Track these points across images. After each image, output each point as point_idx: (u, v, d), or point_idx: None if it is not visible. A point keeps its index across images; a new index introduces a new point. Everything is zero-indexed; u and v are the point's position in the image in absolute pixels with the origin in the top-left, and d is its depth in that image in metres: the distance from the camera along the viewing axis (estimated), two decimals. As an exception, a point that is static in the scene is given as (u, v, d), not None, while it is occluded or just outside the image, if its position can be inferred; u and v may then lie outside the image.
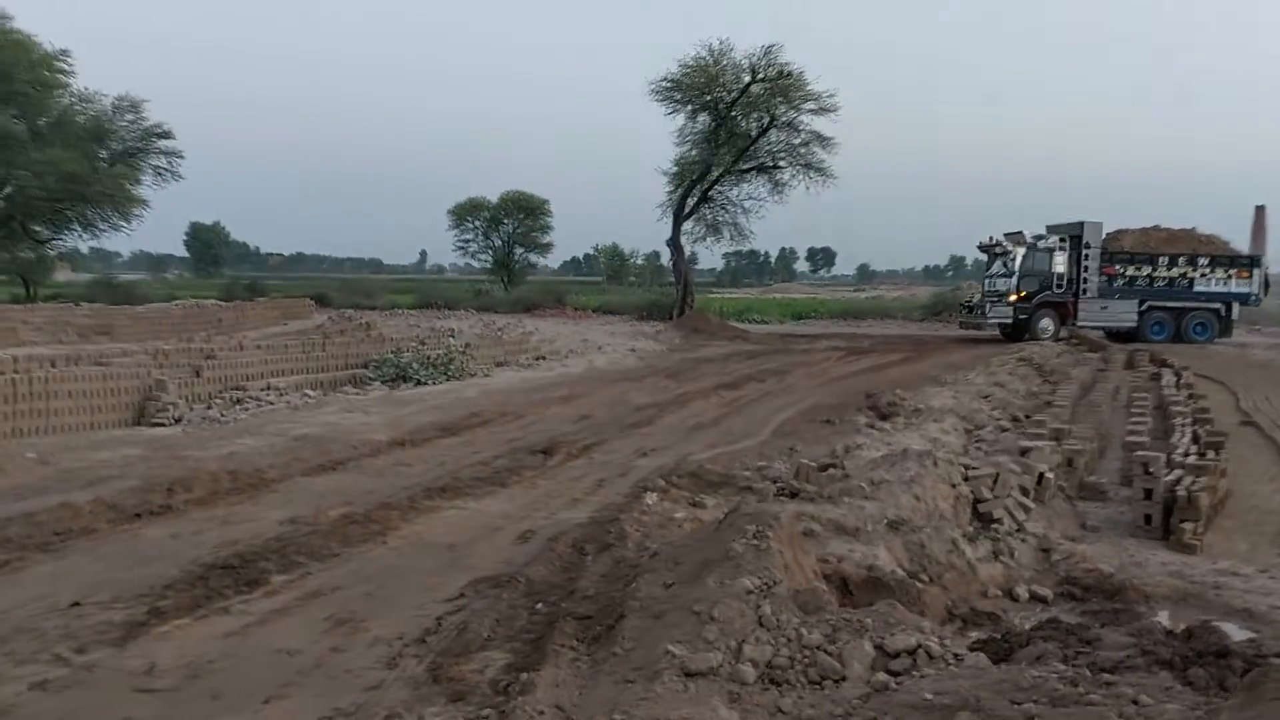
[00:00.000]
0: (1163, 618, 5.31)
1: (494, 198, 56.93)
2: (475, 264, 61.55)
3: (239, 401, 11.58)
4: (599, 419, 11.55)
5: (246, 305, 25.01)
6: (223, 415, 10.76)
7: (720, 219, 35.04)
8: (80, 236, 35.00)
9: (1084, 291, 26.82)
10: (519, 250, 58.45)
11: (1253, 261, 27.72)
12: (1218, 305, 27.19)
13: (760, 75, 31.37)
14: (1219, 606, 5.29)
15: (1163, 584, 5.63)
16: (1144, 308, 27.05)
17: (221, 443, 9.08)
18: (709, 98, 32.25)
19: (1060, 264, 26.76)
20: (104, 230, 33.65)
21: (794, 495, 7.04)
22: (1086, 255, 26.78)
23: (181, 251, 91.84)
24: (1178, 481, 6.70)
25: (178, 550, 5.52)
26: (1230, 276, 27.28)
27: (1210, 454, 7.91)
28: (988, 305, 27.23)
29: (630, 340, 25.91)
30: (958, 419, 11.06)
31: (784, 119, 32.23)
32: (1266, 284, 28.28)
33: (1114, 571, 5.81)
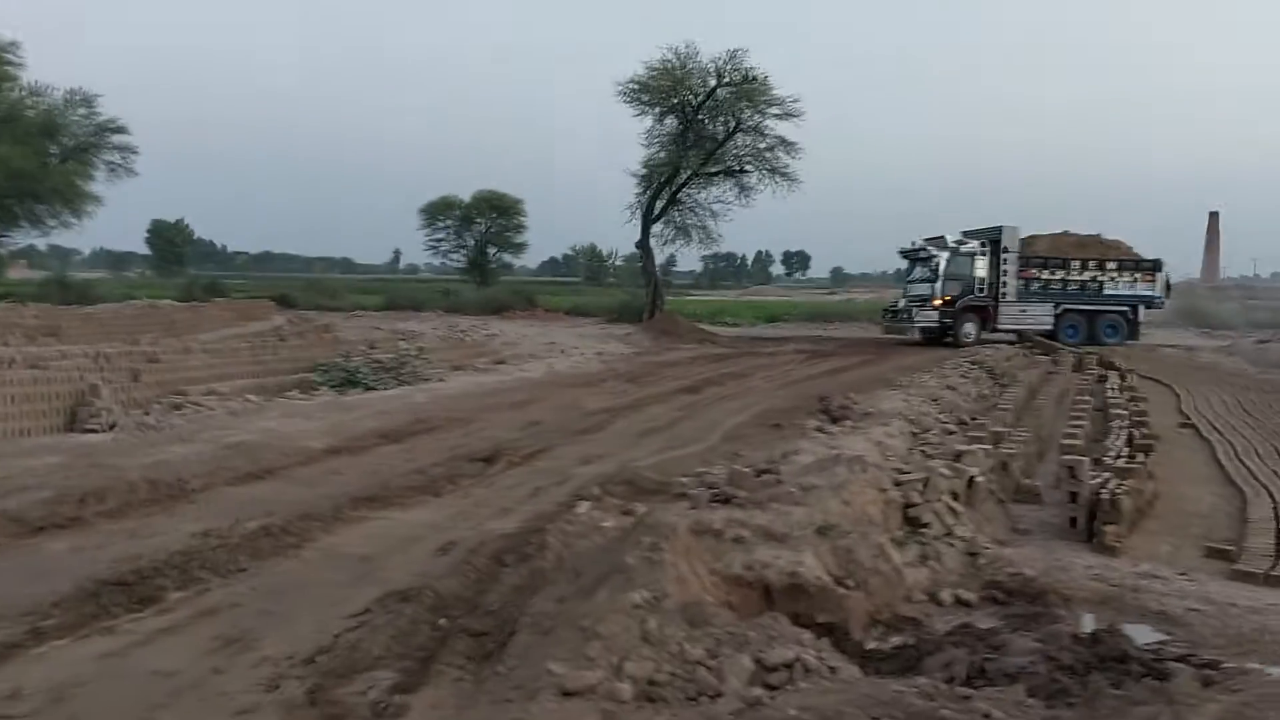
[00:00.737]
0: (1087, 621, 5.29)
1: (467, 196, 56.79)
2: (449, 264, 61.30)
3: (178, 407, 11.27)
4: (548, 425, 11.44)
5: (204, 306, 24.52)
6: (158, 421, 10.48)
7: (689, 222, 35.12)
8: (29, 234, 34.36)
9: (1004, 295, 27.07)
10: (492, 250, 58.23)
11: (1155, 265, 28.27)
12: (1126, 308, 27.66)
13: (725, 79, 31.44)
14: (1137, 609, 5.27)
15: (1085, 587, 5.61)
16: (1059, 310, 27.38)
17: (150, 450, 8.83)
18: (676, 100, 32.28)
19: (981, 268, 27.01)
20: (54, 227, 33.03)
21: (727, 501, 6.96)
22: (1005, 259, 27.05)
23: (144, 249, 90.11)
24: (1104, 484, 6.68)
25: (75, 565, 5.33)
26: (1136, 280, 27.83)
27: (1139, 456, 7.92)
28: (913, 310, 27.33)
29: (598, 343, 25.78)
30: (905, 422, 11.02)
31: (750, 123, 32.33)
32: (1168, 287, 28.92)
33: (1037, 575, 5.78)
